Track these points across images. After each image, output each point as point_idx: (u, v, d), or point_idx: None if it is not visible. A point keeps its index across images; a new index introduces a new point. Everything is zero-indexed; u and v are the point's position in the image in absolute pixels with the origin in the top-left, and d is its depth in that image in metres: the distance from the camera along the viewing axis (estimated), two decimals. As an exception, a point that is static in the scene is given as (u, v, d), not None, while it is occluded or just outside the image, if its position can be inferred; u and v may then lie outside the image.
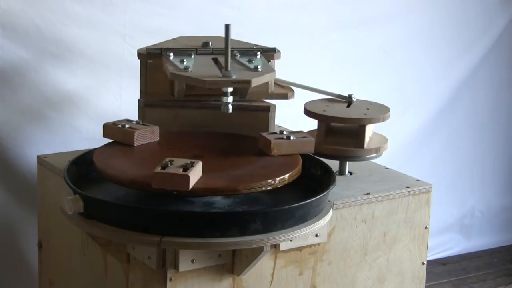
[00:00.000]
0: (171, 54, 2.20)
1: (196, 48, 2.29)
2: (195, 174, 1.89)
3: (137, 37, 2.77)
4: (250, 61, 2.16)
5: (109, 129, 2.18)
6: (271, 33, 3.02)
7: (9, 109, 2.68)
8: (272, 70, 2.13)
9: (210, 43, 2.33)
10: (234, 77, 2.02)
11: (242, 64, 2.15)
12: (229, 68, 2.02)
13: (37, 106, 2.71)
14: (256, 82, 2.03)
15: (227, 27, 2.00)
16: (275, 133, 2.14)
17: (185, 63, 2.13)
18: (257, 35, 2.73)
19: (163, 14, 2.84)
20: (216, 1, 2.95)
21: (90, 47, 2.75)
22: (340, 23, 3.23)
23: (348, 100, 2.35)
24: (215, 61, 2.20)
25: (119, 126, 2.16)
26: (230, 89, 2.05)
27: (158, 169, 1.86)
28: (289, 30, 3.11)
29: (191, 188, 1.87)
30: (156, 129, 2.19)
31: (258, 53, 2.25)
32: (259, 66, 2.11)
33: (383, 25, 3.33)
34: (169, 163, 1.89)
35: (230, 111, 2.07)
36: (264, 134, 2.14)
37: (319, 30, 3.19)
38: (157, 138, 2.18)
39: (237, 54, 2.22)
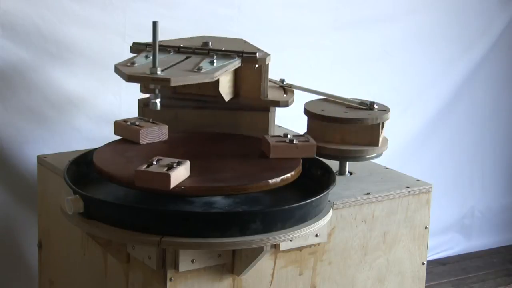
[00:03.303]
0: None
1: (179, 47, 2.27)
2: (179, 174, 1.88)
3: (137, 37, 2.76)
4: (211, 63, 2.13)
5: (118, 126, 2.21)
6: (271, 33, 3.02)
7: (9, 109, 2.68)
8: (211, 74, 2.07)
9: (210, 43, 2.33)
10: (160, 74, 2.00)
11: (194, 65, 2.12)
12: (157, 65, 2.00)
13: (37, 106, 2.71)
14: (176, 82, 1.99)
15: (154, 24, 1.97)
16: (279, 136, 2.13)
17: (140, 59, 2.11)
18: (257, 35, 2.73)
19: (163, 14, 2.84)
20: (216, 1, 2.95)
21: (90, 47, 2.75)
22: (340, 23, 3.23)
23: (369, 108, 2.31)
24: (184, 59, 2.18)
25: (128, 123, 2.19)
26: (158, 87, 2.03)
27: (142, 167, 1.87)
28: (289, 30, 3.11)
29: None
30: (165, 128, 2.20)
31: (237, 57, 2.22)
32: (202, 69, 2.08)
33: (383, 25, 3.33)
34: (155, 161, 1.90)
35: (158, 108, 2.05)
36: (267, 136, 2.13)
37: (319, 30, 3.19)
38: (165, 137, 2.19)
39: (214, 55, 2.20)
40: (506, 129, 3.87)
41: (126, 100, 2.80)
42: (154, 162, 1.90)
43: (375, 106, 2.29)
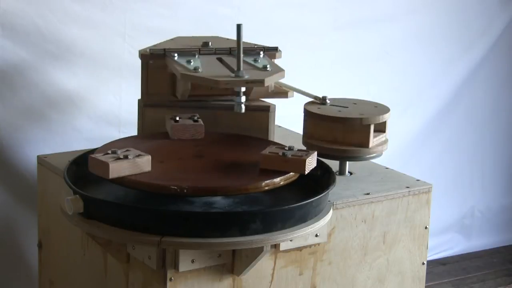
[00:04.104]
0: (175, 54, 2.20)
1: (199, 48, 2.29)
2: (125, 166, 1.90)
3: (137, 37, 2.77)
4: (255, 61, 2.16)
5: (166, 120, 2.24)
6: (271, 33, 3.02)
7: (9, 109, 2.68)
8: (281, 69, 2.12)
9: (210, 43, 2.33)
10: (246, 77, 2.02)
11: (249, 64, 2.14)
12: (241, 68, 2.02)
13: (37, 106, 2.72)
14: (268, 81, 2.02)
15: (239, 27, 2.00)
16: (282, 147, 2.03)
17: (192, 64, 2.12)
18: (257, 35, 2.73)
19: (163, 14, 2.84)
20: (216, 1, 2.95)
21: (90, 47, 2.75)
22: (340, 23, 3.23)
23: (321, 102, 2.32)
24: (220, 60, 2.20)
25: (171, 118, 2.22)
26: (243, 89, 2.05)
27: (98, 154, 1.92)
28: (289, 30, 3.11)
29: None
30: (200, 126, 2.20)
31: (261, 52, 2.25)
32: (268, 66, 2.11)
33: (383, 25, 3.33)
34: (119, 151, 1.94)
35: (243, 110, 2.06)
36: (271, 146, 2.05)
37: (319, 30, 3.19)
38: (201, 136, 2.19)
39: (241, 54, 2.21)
40: (506, 129, 3.87)
41: (126, 100, 2.81)
42: (118, 152, 1.93)
43: (327, 101, 2.29)
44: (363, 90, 3.18)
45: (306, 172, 1.98)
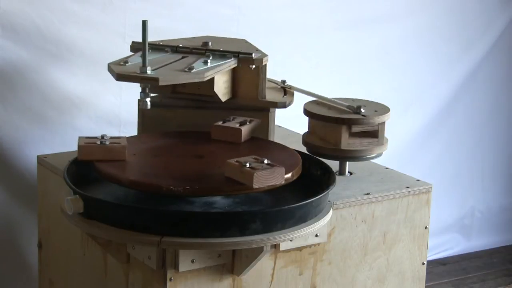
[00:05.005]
0: (149, 50, 2.19)
1: (176, 46, 2.27)
2: (99, 150, 2.01)
3: (137, 37, 2.75)
4: (205, 62, 2.13)
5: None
6: (271, 33, 3.02)
7: (9, 109, 2.68)
8: (202, 75, 2.07)
9: (210, 43, 2.33)
10: (149, 74, 2.01)
11: (187, 65, 2.12)
12: (147, 65, 2.01)
13: (37, 106, 2.72)
14: (165, 81, 2.00)
15: (144, 23, 1.98)
16: (256, 158, 1.96)
17: (135, 58, 2.12)
18: (257, 35, 2.74)
19: (163, 14, 2.84)
20: (216, 1, 2.95)
21: (90, 47, 2.75)
22: (340, 23, 3.23)
23: (356, 111, 2.29)
24: (181, 59, 2.18)
25: (224, 120, 2.23)
26: (146, 86, 2.06)
27: (83, 137, 2.08)
28: (289, 30, 3.11)
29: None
30: (238, 131, 2.17)
31: (233, 57, 2.22)
32: (194, 69, 2.08)
33: (383, 25, 3.33)
34: (106, 136, 2.06)
35: (148, 107, 2.07)
36: (249, 157, 1.97)
37: (319, 30, 3.19)
38: (238, 140, 2.17)
39: (210, 55, 2.20)
40: (506, 129, 3.87)
41: (126, 100, 2.81)
42: (104, 138, 2.05)
43: (362, 110, 2.24)
44: (363, 90, 3.18)
45: (255, 186, 1.88)
